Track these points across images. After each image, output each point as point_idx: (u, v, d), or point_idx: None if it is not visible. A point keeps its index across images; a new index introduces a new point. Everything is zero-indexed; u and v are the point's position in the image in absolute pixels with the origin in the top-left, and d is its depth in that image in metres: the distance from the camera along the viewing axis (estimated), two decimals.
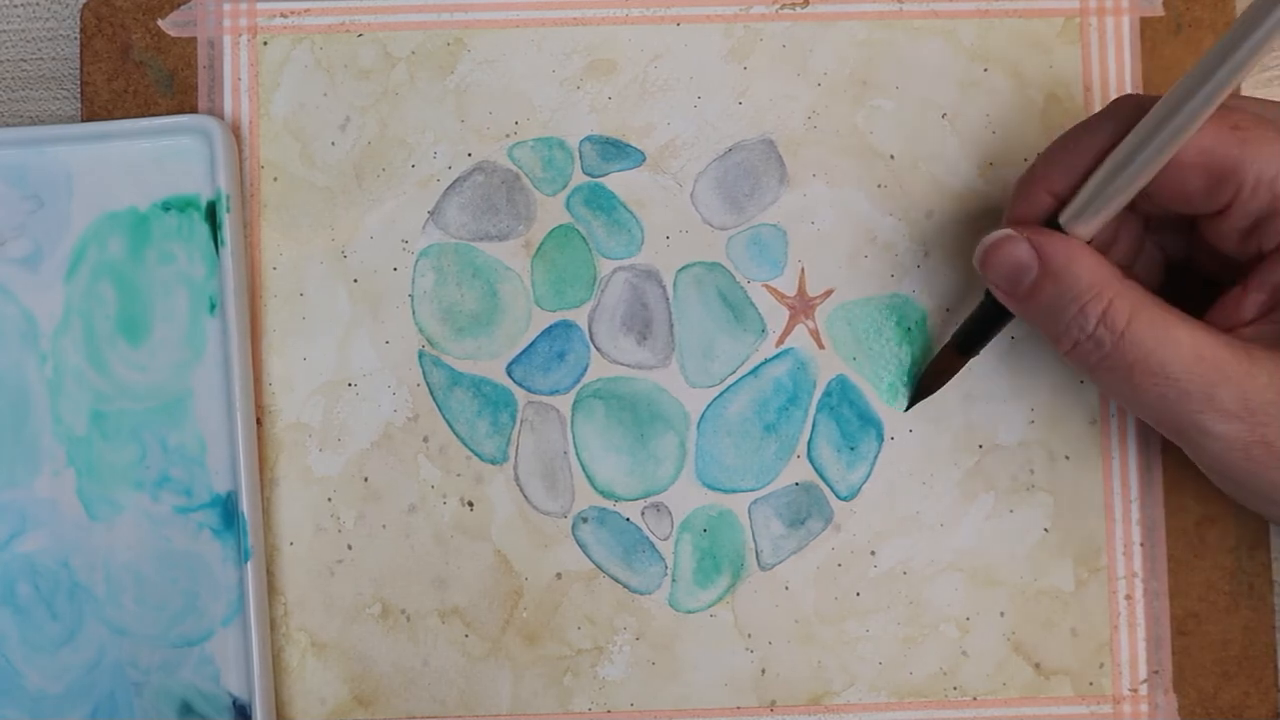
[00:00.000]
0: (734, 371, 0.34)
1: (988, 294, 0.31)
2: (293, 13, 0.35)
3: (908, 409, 0.34)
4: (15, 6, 0.36)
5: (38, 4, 0.36)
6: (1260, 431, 0.27)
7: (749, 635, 0.34)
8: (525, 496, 0.34)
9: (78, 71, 0.35)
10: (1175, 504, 0.34)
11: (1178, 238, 0.32)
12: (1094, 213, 0.28)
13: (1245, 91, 0.35)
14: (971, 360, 0.33)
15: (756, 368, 0.34)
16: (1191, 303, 0.30)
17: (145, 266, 0.34)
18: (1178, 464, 0.34)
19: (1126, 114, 0.28)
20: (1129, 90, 0.35)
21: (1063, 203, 0.30)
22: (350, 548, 0.34)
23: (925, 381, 0.34)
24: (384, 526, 0.34)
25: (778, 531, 0.34)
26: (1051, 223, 0.29)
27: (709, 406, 0.34)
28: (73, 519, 0.33)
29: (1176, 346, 0.27)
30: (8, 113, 0.36)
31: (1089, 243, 0.29)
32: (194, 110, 0.35)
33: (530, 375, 0.34)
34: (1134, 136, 0.27)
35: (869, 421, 0.34)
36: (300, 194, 0.35)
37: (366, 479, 0.34)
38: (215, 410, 0.33)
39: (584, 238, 0.35)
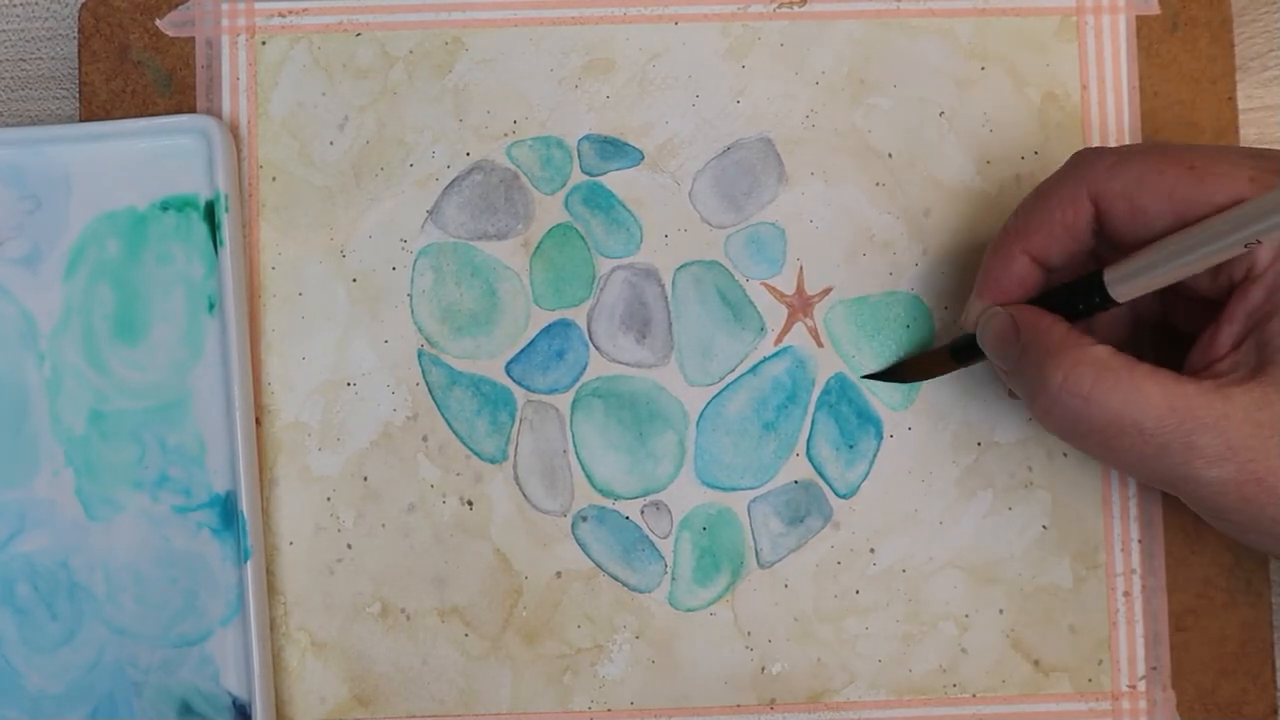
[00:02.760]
0: (733, 370, 0.34)
1: None
2: (291, 12, 0.35)
3: (865, 376, 0.34)
4: (14, 6, 0.36)
5: (36, 4, 0.36)
6: (1249, 469, 0.27)
7: (748, 633, 0.34)
8: (525, 495, 0.34)
9: (76, 71, 0.35)
10: (1173, 501, 0.34)
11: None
12: (1145, 281, 0.28)
13: (1242, 90, 0.35)
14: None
15: (755, 366, 0.34)
16: (1176, 360, 0.30)
17: (144, 266, 0.34)
18: None
19: (1087, 167, 0.29)
20: (1125, 89, 0.35)
21: (1040, 263, 0.30)
22: (350, 547, 0.34)
23: (905, 367, 0.34)
24: (383, 526, 0.34)
25: (777, 529, 0.34)
26: (1027, 280, 0.30)
27: (708, 405, 0.34)
28: (72, 519, 0.33)
29: (1147, 402, 0.27)
30: (6, 112, 0.36)
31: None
32: (192, 110, 0.34)
33: (529, 374, 0.34)
34: (1213, 226, 0.27)
35: (868, 419, 0.34)
36: (299, 193, 0.35)
37: (366, 478, 0.34)
38: (214, 410, 0.33)
39: (583, 236, 0.35)
